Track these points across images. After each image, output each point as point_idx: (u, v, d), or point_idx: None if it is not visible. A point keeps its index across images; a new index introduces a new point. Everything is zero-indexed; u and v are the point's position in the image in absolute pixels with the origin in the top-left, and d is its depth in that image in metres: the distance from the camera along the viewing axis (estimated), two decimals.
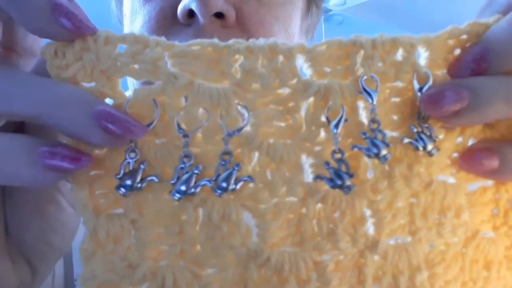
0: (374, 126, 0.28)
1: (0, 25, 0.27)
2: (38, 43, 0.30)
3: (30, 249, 0.31)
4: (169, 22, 0.48)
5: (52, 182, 0.25)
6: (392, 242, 0.29)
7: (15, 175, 0.24)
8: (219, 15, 0.46)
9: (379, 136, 0.27)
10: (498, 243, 0.29)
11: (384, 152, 0.27)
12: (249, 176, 0.27)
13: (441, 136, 0.28)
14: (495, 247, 0.29)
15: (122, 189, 0.27)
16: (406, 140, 0.28)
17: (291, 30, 0.53)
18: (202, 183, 0.27)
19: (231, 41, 0.28)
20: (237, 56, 0.27)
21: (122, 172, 0.27)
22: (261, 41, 0.28)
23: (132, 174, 0.27)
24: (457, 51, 0.28)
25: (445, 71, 0.28)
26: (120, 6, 0.59)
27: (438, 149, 0.28)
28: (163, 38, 0.27)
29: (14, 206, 0.30)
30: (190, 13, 0.46)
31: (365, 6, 2.55)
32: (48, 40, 0.27)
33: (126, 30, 0.55)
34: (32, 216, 0.30)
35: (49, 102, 0.24)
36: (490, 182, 0.30)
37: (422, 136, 0.28)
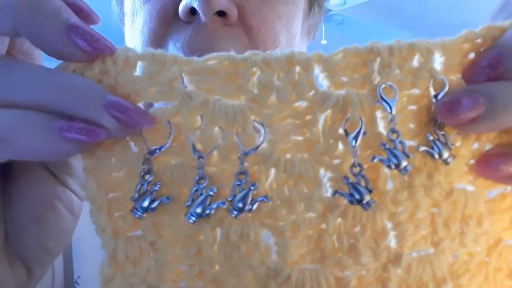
0: (394, 136, 0.27)
1: (7, 40, 0.27)
2: (36, 48, 0.29)
3: (28, 254, 0.30)
4: (170, 19, 0.47)
5: (68, 154, 0.25)
6: (415, 254, 0.28)
7: (34, 150, 0.24)
8: (221, 13, 0.46)
9: (399, 146, 0.26)
10: None
11: (404, 163, 0.26)
12: (265, 196, 0.26)
13: (457, 144, 0.27)
14: None
15: (137, 211, 0.26)
16: (422, 148, 0.27)
17: (293, 29, 0.52)
18: (216, 205, 0.26)
19: (247, 54, 0.27)
20: (254, 69, 0.26)
21: (137, 194, 0.26)
22: (278, 52, 0.27)
23: (145, 196, 0.26)
24: (472, 55, 0.27)
25: (459, 75, 0.27)
26: (120, 5, 0.59)
27: (454, 157, 0.27)
28: (180, 54, 0.27)
29: (14, 213, 0.30)
30: (192, 11, 0.45)
31: (365, 6, 2.54)
32: None
33: (128, 29, 0.54)
34: (32, 223, 0.30)
35: (67, 91, 0.24)
36: (508, 188, 0.28)
37: (438, 144, 0.27)
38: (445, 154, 0.26)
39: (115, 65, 0.26)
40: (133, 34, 0.50)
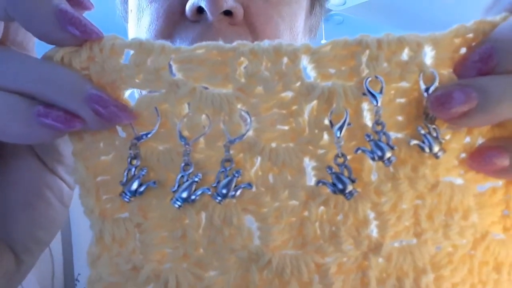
0: (379, 128, 0.26)
1: (2, 25, 0.27)
2: (29, 38, 0.29)
3: (17, 242, 0.30)
4: (177, 18, 0.47)
5: (43, 139, 0.25)
6: (397, 244, 0.27)
7: (11, 131, 0.24)
8: (228, 13, 0.45)
9: (384, 138, 0.26)
10: (509, 244, 0.28)
11: (388, 154, 0.25)
12: (248, 183, 0.26)
13: (447, 137, 0.27)
14: (506, 249, 0.28)
15: (126, 195, 0.26)
16: (414, 142, 0.26)
17: (295, 29, 0.52)
18: (200, 191, 0.26)
19: (235, 43, 0.26)
20: (242, 59, 0.26)
21: (125, 178, 0.26)
22: (266, 43, 0.26)
23: (133, 180, 0.26)
24: (463, 50, 0.26)
25: (451, 70, 0.26)
26: (124, 3, 0.58)
27: (444, 151, 0.26)
28: (168, 43, 0.26)
29: (3, 201, 0.30)
30: (199, 10, 0.45)
31: (365, 6, 2.52)
32: None
33: (132, 27, 0.53)
34: (20, 210, 0.30)
35: (46, 81, 0.24)
36: (500, 183, 0.28)
37: (429, 137, 0.26)
38: (436, 148, 0.26)
39: (102, 52, 0.25)
40: (139, 32, 0.50)
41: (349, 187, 0.26)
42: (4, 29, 0.27)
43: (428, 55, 0.27)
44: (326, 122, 0.27)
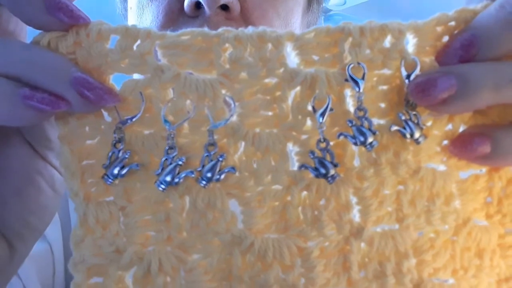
0: (361, 114, 0.26)
1: None
2: (21, 27, 0.29)
3: (9, 228, 0.30)
4: (175, 15, 0.48)
5: (29, 121, 0.25)
6: (379, 229, 0.28)
7: None
8: (225, 8, 0.46)
9: (366, 124, 0.26)
10: (491, 231, 0.28)
11: (370, 139, 0.26)
12: (232, 167, 0.27)
13: (429, 123, 0.27)
14: (488, 235, 0.28)
15: (108, 178, 0.26)
16: (394, 128, 0.26)
17: (291, 25, 0.53)
18: (184, 174, 0.26)
19: (220, 30, 0.26)
20: (226, 45, 0.26)
21: (108, 161, 0.26)
22: (251, 29, 0.26)
23: (115, 163, 0.26)
24: (445, 38, 0.27)
25: (433, 58, 0.27)
26: (124, 1, 0.59)
27: (425, 137, 0.26)
28: (153, 29, 0.27)
29: None
30: (197, 6, 0.46)
31: (365, 6, 2.53)
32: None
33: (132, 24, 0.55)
34: (12, 197, 0.30)
35: (32, 64, 0.25)
36: (483, 170, 0.28)
37: (410, 123, 0.26)
38: (417, 134, 0.26)
39: (88, 37, 0.26)
40: None
41: (331, 171, 0.26)
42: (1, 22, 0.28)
43: (410, 43, 0.27)
44: (309, 108, 0.27)
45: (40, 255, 0.51)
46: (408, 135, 0.26)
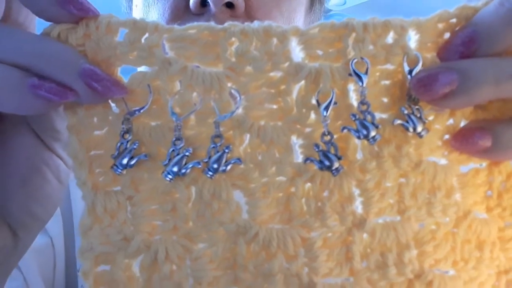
0: (364, 108, 0.27)
1: (3, 2, 0.28)
2: (30, 19, 0.30)
3: (14, 217, 0.31)
4: (181, 12, 0.49)
5: (39, 110, 0.26)
6: (381, 221, 0.28)
7: (5, 101, 0.25)
8: (230, 5, 0.47)
9: (369, 117, 0.27)
10: (491, 224, 0.29)
11: (373, 133, 0.27)
12: (238, 158, 0.27)
13: (431, 118, 0.28)
14: (488, 228, 0.29)
15: (117, 168, 0.27)
16: (398, 122, 0.27)
17: (294, 24, 0.55)
18: (191, 165, 0.27)
19: (226, 24, 0.27)
20: (233, 39, 0.27)
21: (116, 152, 0.27)
22: (256, 24, 0.27)
23: (124, 153, 0.27)
24: (447, 35, 0.27)
25: (434, 54, 0.27)
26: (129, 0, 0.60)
27: (428, 131, 0.27)
28: (161, 23, 0.27)
29: (0, 177, 0.31)
30: (202, 3, 0.47)
31: (365, 6, 2.54)
32: None
33: None
34: (17, 185, 0.30)
35: (41, 54, 0.26)
36: (483, 164, 0.29)
37: (412, 117, 0.27)
38: (419, 128, 0.27)
39: (97, 30, 0.27)
40: None
41: (336, 164, 0.27)
42: (7, 9, 0.28)
43: (413, 39, 0.28)
44: (313, 101, 0.28)
45: (41, 248, 0.52)
46: (411, 129, 0.27)
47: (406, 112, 0.27)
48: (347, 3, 2.48)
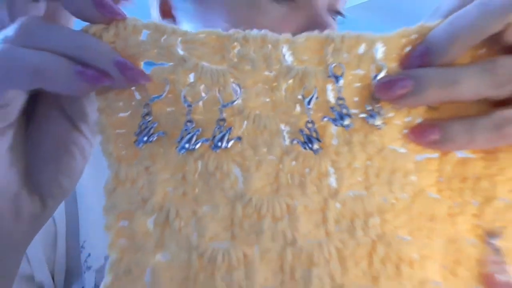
0: (341, 102, 0.33)
1: (44, 4, 0.34)
2: (69, 22, 0.36)
3: (45, 188, 0.35)
4: None
5: (81, 92, 0.31)
6: (351, 194, 0.34)
7: (57, 82, 0.30)
8: None
9: (344, 110, 0.33)
10: (442, 202, 0.33)
11: (347, 122, 0.33)
12: (238, 137, 0.33)
13: (391, 115, 0.34)
14: (439, 205, 0.33)
15: (139, 143, 0.33)
16: (362, 115, 0.33)
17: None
18: (201, 141, 0.33)
19: (231, 31, 0.33)
20: (235, 44, 0.33)
21: (138, 130, 0.33)
22: (255, 31, 0.33)
23: (145, 131, 0.33)
24: (408, 48, 0.32)
25: (397, 64, 0.33)
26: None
27: (385, 124, 0.33)
28: (178, 27, 0.33)
29: (35, 151, 0.35)
30: None
31: (365, 6, 2.57)
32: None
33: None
34: (49, 160, 0.35)
35: (85, 47, 0.31)
36: (436, 155, 0.35)
37: (373, 113, 0.33)
38: (378, 121, 0.33)
39: (125, 30, 0.32)
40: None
41: (316, 145, 0.33)
42: (52, 13, 0.34)
43: (380, 50, 0.34)
44: (299, 96, 0.34)
45: (44, 227, 0.55)
46: (371, 121, 0.33)
47: (369, 108, 0.34)
48: (347, 3, 2.52)
